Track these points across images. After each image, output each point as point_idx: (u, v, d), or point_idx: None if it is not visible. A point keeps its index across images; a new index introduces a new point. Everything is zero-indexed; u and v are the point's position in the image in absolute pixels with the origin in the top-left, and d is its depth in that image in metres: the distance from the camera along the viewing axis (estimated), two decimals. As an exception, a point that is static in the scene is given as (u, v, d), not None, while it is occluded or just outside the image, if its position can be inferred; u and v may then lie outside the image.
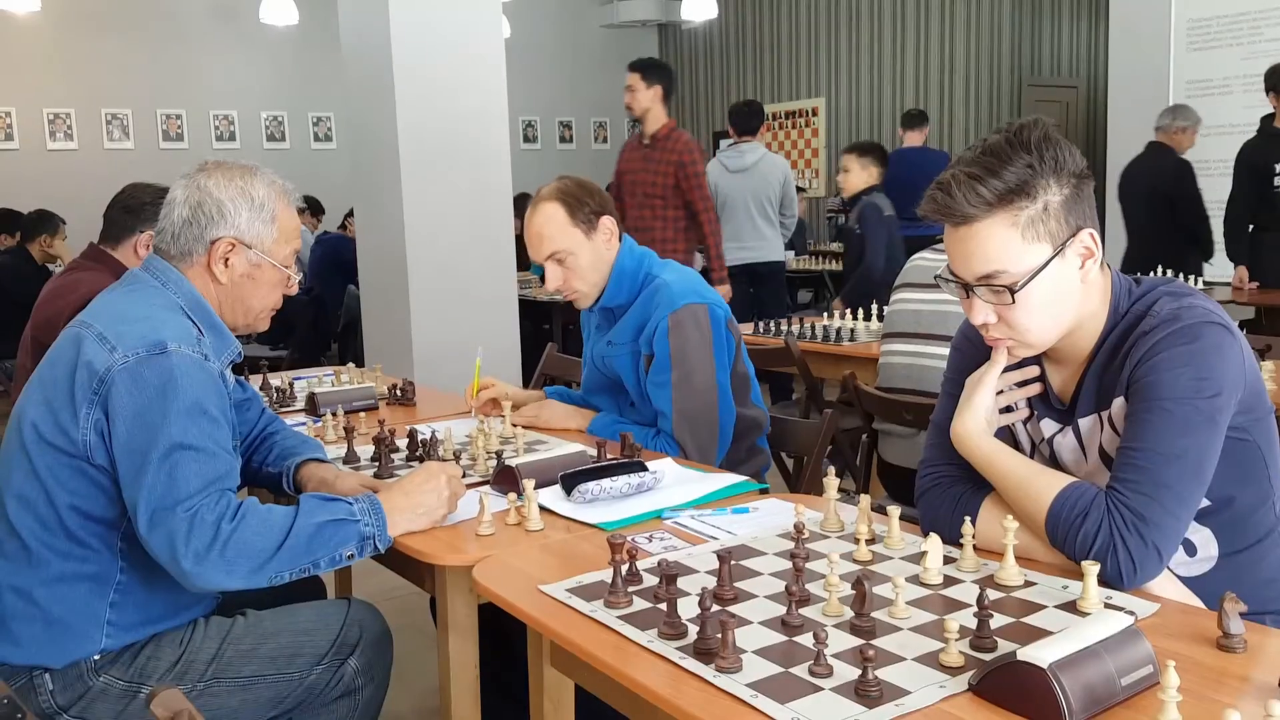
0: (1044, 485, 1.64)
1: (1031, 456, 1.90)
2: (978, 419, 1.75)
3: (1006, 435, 1.87)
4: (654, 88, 5.69)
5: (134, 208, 3.19)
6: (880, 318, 4.46)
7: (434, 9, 5.27)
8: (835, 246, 10.15)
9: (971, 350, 1.90)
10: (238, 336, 2.07)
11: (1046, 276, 1.62)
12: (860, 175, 5.80)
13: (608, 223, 2.67)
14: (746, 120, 6.62)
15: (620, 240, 2.71)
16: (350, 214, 8.54)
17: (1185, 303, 1.64)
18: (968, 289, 1.67)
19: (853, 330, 4.45)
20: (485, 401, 2.87)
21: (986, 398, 1.76)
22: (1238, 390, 1.61)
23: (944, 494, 1.82)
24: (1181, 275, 5.86)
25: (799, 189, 9.93)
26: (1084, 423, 1.74)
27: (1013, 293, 1.61)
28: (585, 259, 2.65)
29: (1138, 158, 6.37)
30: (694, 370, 2.55)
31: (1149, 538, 1.54)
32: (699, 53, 12.87)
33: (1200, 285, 5.74)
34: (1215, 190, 7.36)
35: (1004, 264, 1.61)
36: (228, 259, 1.99)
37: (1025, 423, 1.86)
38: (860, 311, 4.74)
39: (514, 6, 8.03)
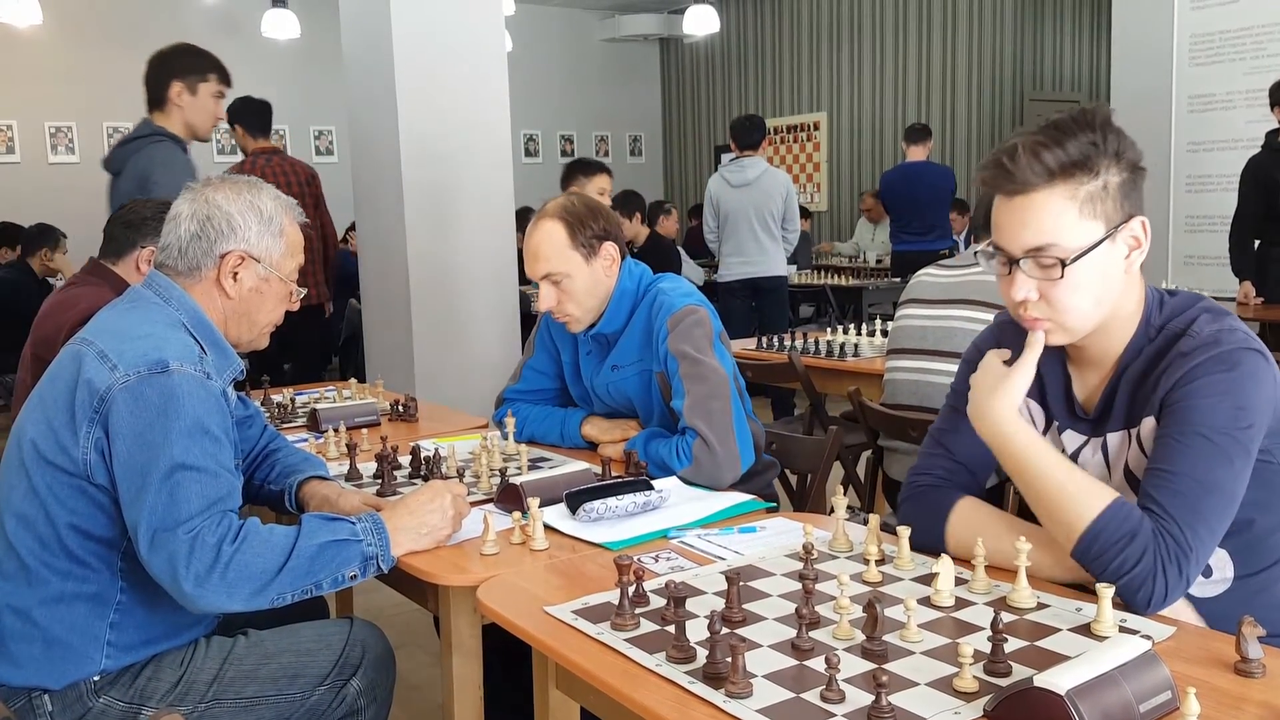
0: (1091, 495, 1.57)
1: None
2: (1014, 401, 1.68)
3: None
4: (235, 127, 5.64)
5: (135, 223, 3.17)
6: (884, 333, 4.45)
7: (436, 22, 5.26)
8: (836, 261, 10.16)
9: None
10: (239, 354, 2.05)
11: (1096, 257, 1.59)
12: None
13: (610, 249, 2.59)
14: (748, 134, 6.61)
15: (622, 265, 2.63)
16: (352, 227, 8.52)
17: (1226, 324, 1.61)
18: (1011, 263, 1.64)
19: (856, 345, 4.43)
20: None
21: (1025, 381, 1.69)
22: (1268, 418, 1.59)
23: (921, 501, 1.84)
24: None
25: (802, 209, 9.94)
26: (1112, 439, 1.72)
27: (1064, 266, 1.59)
28: (581, 284, 2.57)
29: None
30: (701, 360, 2.46)
31: (1184, 569, 1.51)
32: (700, 67, 12.89)
33: (1204, 300, 5.72)
34: (1218, 205, 7.35)
35: (1057, 237, 1.58)
36: (237, 273, 1.98)
37: (1044, 434, 1.84)
38: (864, 327, 4.72)
39: (516, 20, 8.03)
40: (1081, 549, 1.57)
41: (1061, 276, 1.59)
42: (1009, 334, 1.79)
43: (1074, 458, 1.78)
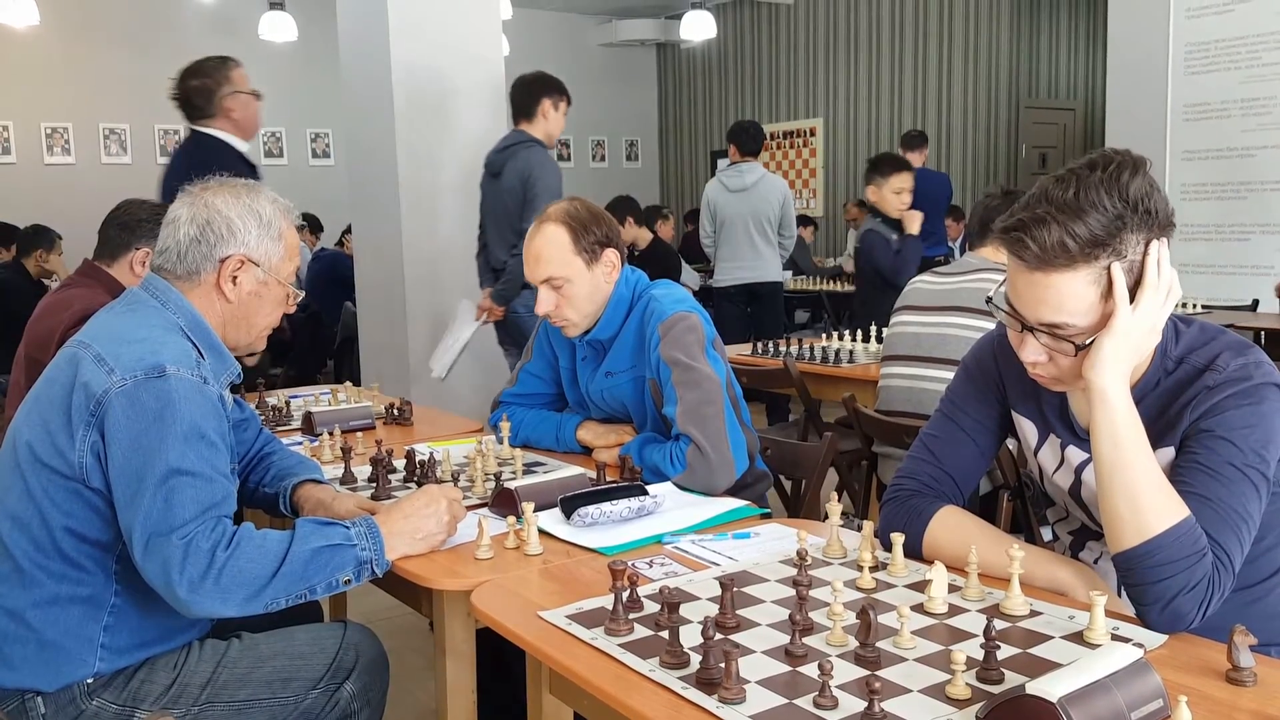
0: (1173, 501, 1.51)
1: (1043, 484, 1.89)
2: (1132, 366, 1.59)
3: (1010, 458, 1.85)
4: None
5: (130, 224, 3.17)
6: (879, 339, 4.45)
7: (434, 26, 5.27)
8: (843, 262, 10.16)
9: (982, 376, 1.88)
10: (237, 358, 2.05)
11: None
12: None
13: (611, 255, 2.59)
14: (752, 140, 6.61)
15: (620, 271, 2.63)
16: (348, 230, 8.52)
17: (1252, 358, 1.61)
18: (1024, 325, 1.61)
19: (851, 352, 4.44)
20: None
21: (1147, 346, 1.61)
22: None
23: (902, 506, 1.84)
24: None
25: (805, 219, 9.94)
26: None
27: (1078, 348, 1.57)
28: (582, 289, 2.56)
29: None
30: (693, 366, 2.45)
31: (1220, 597, 1.50)
32: (697, 72, 12.90)
33: (1199, 309, 5.75)
34: (1212, 214, 7.38)
35: (1075, 318, 1.56)
36: (236, 276, 1.98)
37: (1036, 451, 1.84)
38: (859, 333, 4.73)
39: (514, 24, 8.04)
40: (1143, 552, 1.49)
41: (1075, 354, 1.58)
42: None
43: (1078, 473, 1.77)
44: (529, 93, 4.82)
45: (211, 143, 4.02)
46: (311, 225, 9.94)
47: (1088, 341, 1.56)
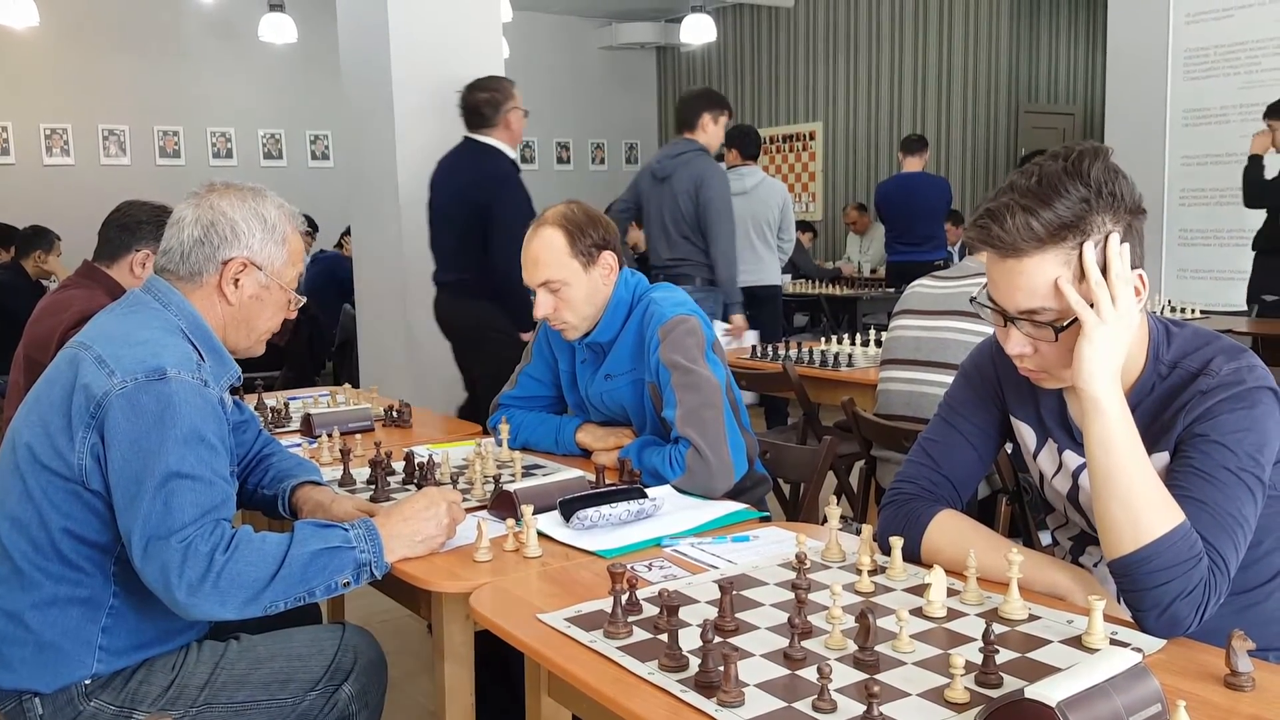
0: (1169, 507, 1.50)
1: (1042, 488, 1.89)
2: (1118, 372, 1.58)
3: (1009, 463, 1.85)
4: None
5: (130, 225, 3.17)
6: (878, 343, 4.45)
7: (434, 28, 5.27)
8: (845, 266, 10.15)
9: (980, 382, 1.88)
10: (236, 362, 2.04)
11: None
12: None
13: (609, 258, 2.59)
14: (753, 145, 6.62)
15: (619, 274, 2.63)
16: (347, 232, 8.53)
17: (1244, 362, 1.61)
18: (1006, 318, 1.63)
19: (850, 355, 4.43)
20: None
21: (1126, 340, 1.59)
22: (1275, 453, 1.59)
23: (900, 510, 1.84)
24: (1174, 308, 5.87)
25: (806, 224, 9.93)
26: None
27: (1057, 331, 1.58)
28: (580, 292, 2.57)
29: None
30: (693, 369, 2.45)
31: (1217, 601, 1.49)
32: (697, 76, 12.90)
33: (1197, 314, 5.75)
34: (1211, 219, 7.39)
35: (1050, 301, 1.56)
36: (238, 279, 1.98)
37: (1035, 455, 1.84)
38: (858, 337, 4.73)
39: (514, 27, 8.05)
40: (1139, 558, 1.49)
41: (1056, 339, 1.58)
42: None
43: (1074, 477, 1.78)
44: (690, 107, 5.35)
45: (486, 147, 4.58)
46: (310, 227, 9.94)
47: (1066, 324, 1.57)
